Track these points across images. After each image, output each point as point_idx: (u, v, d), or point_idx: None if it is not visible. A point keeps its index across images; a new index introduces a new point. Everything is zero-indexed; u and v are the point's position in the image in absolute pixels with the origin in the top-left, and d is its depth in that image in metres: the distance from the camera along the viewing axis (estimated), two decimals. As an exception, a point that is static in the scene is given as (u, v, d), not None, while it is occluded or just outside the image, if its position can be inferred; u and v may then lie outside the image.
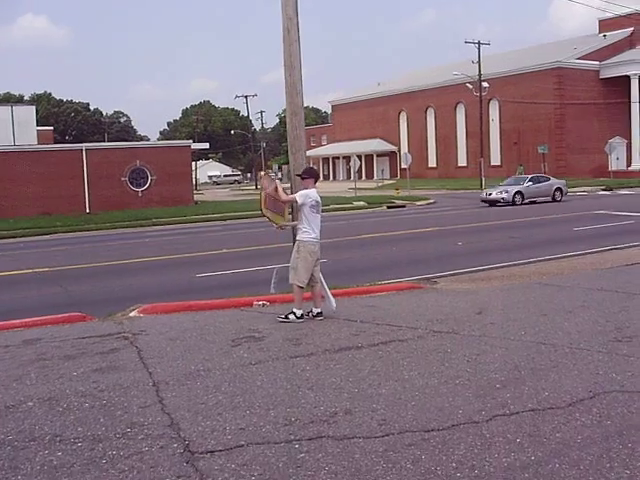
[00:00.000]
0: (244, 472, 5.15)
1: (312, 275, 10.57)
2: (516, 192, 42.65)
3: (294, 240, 10.80)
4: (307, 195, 10.56)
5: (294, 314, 10.39)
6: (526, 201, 42.51)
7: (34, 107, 63.59)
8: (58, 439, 5.93)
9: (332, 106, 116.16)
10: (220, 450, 5.56)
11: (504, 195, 42.57)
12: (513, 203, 42.07)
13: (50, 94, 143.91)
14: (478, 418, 6.05)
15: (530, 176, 46.49)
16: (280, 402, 6.65)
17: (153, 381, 7.52)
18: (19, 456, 5.61)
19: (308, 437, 5.76)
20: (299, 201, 10.50)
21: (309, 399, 6.72)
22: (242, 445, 5.65)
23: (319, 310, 10.64)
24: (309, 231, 10.52)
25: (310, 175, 11.03)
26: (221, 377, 7.58)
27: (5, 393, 7.32)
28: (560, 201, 43.01)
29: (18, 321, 11.24)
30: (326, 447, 5.55)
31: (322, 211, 11.01)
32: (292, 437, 5.78)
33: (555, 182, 45.09)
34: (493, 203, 42.67)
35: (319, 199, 10.74)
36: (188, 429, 6.03)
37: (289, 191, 11.39)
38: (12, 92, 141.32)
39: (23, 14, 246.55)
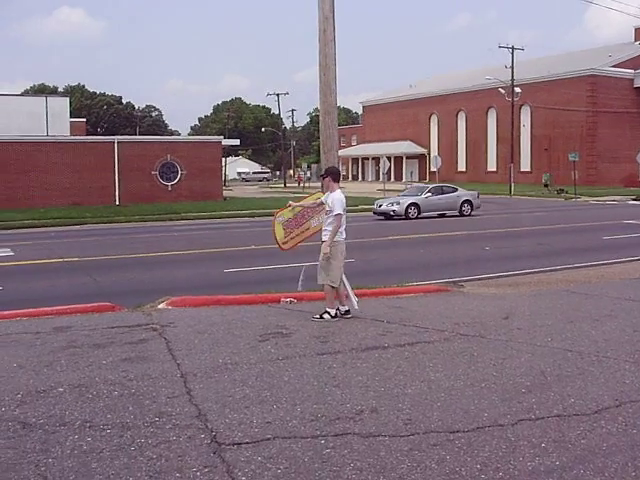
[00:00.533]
0: (270, 465, 5.21)
1: None
2: (410, 204, 37.32)
3: (322, 240, 10.81)
4: (342, 200, 10.64)
5: (328, 314, 10.45)
6: (424, 214, 37.22)
7: (68, 99, 64.09)
8: (88, 425, 6.04)
9: (363, 107, 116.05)
10: (247, 442, 5.63)
11: (395, 207, 37.32)
12: (406, 216, 36.88)
13: (84, 86, 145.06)
14: (503, 421, 6.07)
15: (431, 186, 41.61)
16: (307, 398, 6.71)
17: (181, 372, 7.61)
18: (50, 440, 5.71)
19: (334, 433, 5.82)
20: (341, 210, 10.59)
21: (335, 396, 6.77)
22: (269, 438, 5.71)
23: (347, 308, 10.68)
24: (341, 231, 10.58)
25: (334, 175, 11.10)
26: (248, 371, 7.65)
27: (36, 378, 7.45)
28: (469, 215, 38.24)
29: (49, 308, 11.40)
30: (352, 444, 5.60)
31: (350, 212, 11.09)
32: (318, 433, 5.83)
33: (463, 194, 39.81)
34: (387, 216, 37.39)
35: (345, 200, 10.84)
36: (215, 420, 6.10)
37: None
38: (46, 83, 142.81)
39: (59, 7, 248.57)
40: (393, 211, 37.09)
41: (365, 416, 6.21)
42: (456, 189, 40.75)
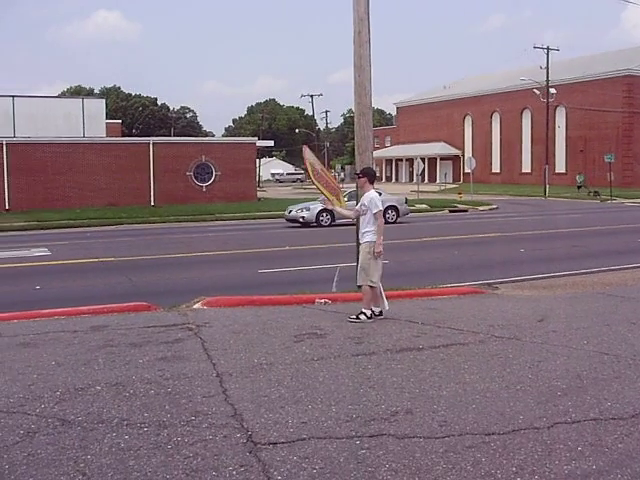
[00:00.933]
0: (306, 465, 5.23)
1: None
2: (322, 210, 33.19)
3: (358, 242, 10.83)
4: (379, 199, 10.68)
5: (364, 314, 10.46)
6: (340, 221, 31.88)
7: (104, 100, 64.61)
8: (125, 423, 6.10)
9: (397, 108, 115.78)
10: (282, 442, 5.66)
11: (305, 214, 34.00)
12: (318, 224, 33.54)
13: (119, 88, 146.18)
14: (539, 424, 6.04)
15: (349, 190, 37.54)
16: (342, 399, 6.73)
17: (217, 372, 7.67)
18: (88, 437, 5.79)
19: (369, 434, 5.83)
20: (382, 207, 10.71)
21: (370, 397, 6.78)
22: (304, 438, 5.74)
23: (380, 309, 10.68)
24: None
25: (369, 176, 11.10)
26: (284, 371, 7.69)
27: (74, 376, 7.55)
28: (394, 223, 34.01)
29: (86, 308, 11.54)
30: (387, 445, 5.61)
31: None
32: (353, 433, 5.85)
33: (388, 199, 34.49)
34: (300, 223, 34.09)
35: None
36: (251, 420, 6.14)
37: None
38: (83, 85, 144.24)
39: (97, 10, 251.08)
40: (302, 217, 33.94)
41: (400, 417, 6.22)
42: (380, 193, 35.31)
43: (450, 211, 45.77)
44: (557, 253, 21.40)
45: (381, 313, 10.66)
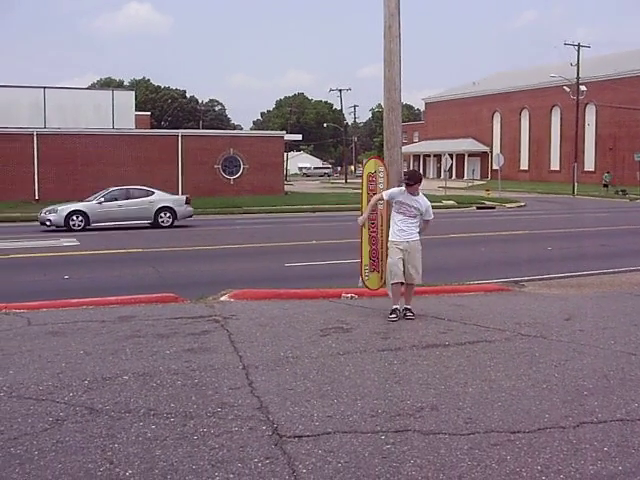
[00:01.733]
0: (330, 458, 5.25)
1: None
2: (73, 212, 29.56)
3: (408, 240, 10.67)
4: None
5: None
6: (98, 225, 29.79)
7: (133, 92, 64.89)
8: (152, 413, 6.16)
9: (425, 103, 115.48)
10: (308, 435, 5.69)
11: (51, 216, 29.46)
12: (68, 228, 29.09)
13: (148, 80, 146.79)
14: (565, 424, 6.01)
15: (112, 189, 32.31)
16: (367, 393, 6.74)
17: (243, 364, 7.70)
18: (116, 426, 5.85)
19: (394, 429, 5.84)
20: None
21: (396, 392, 6.79)
22: (329, 432, 5.76)
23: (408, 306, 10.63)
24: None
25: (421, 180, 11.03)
26: (309, 365, 7.72)
27: (102, 366, 7.62)
28: (170, 227, 30.77)
29: (114, 298, 11.64)
30: (412, 440, 5.61)
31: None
32: (378, 428, 5.86)
33: (163, 198, 31.51)
34: (47, 226, 29.70)
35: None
36: (277, 413, 6.17)
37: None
38: (113, 77, 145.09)
39: (128, 2, 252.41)
40: (49, 220, 29.50)
41: (425, 413, 6.22)
42: (152, 192, 32.17)
43: (477, 208, 45.60)
44: (585, 252, 21.26)
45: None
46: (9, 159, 45.50)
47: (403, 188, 10.65)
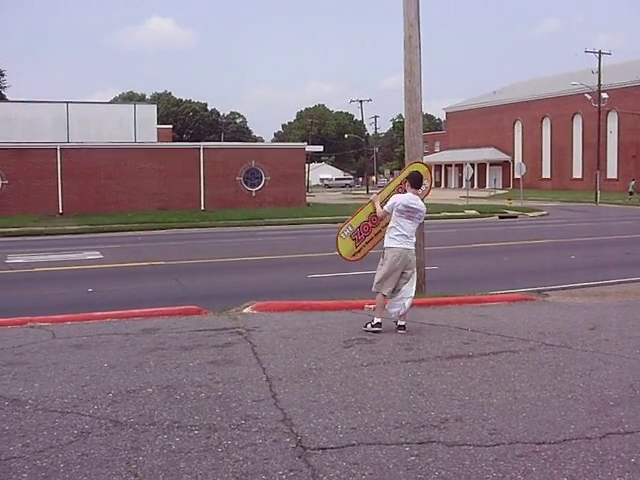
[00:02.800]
0: (355, 470, 5.24)
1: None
2: None
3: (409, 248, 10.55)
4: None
5: (370, 323, 10.22)
6: None
7: (155, 106, 65.29)
8: (176, 425, 6.17)
9: (446, 113, 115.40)
10: (332, 447, 5.68)
11: None
12: None
13: (170, 93, 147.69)
14: (591, 434, 5.97)
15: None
16: (391, 405, 6.72)
17: (266, 376, 7.71)
18: (140, 438, 5.87)
19: (419, 441, 5.82)
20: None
21: (420, 404, 6.77)
22: (353, 444, 5.74)
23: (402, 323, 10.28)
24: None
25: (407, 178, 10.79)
26: (333, 377, 7.71)
27: (126, 378, 7.65)
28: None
29: (137, 310, 11.67)
30: (436, 452, 5.59)
31: (432, 218, 10.86)
32: (403, 440, 5.84)
33: None
34: None
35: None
36: (300, 425, 6.16)
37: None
38: (134, 91, 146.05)
39: (151, 17, 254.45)
40: None
41: (450, 424, 6.19)
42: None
43: (500, 217, 45.39)
44: (609, 260, 21.11)
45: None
46: (33, 173, 45.88)
47: (411, 193, 10.38)
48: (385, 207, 10.47)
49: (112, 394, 7.07)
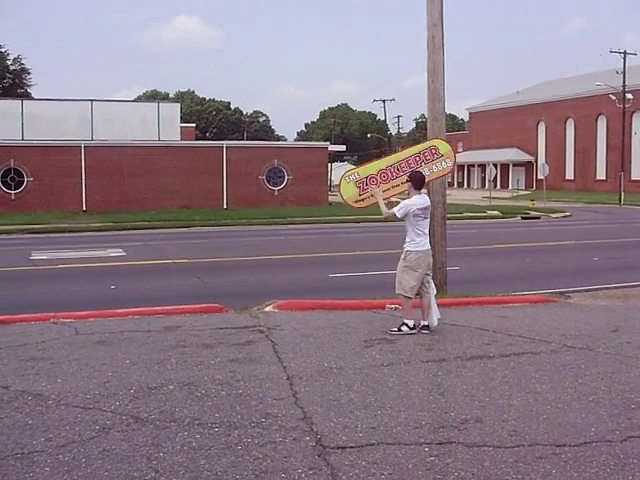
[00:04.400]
0: (374, 470, 5.25)
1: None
2: None
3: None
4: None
5: (406, 325, 10.14)
6: None
7: (179, 104, 65.46)
8: (197, 422, 6.21)
9: (469, 113, 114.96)
10: (351, 447, 5.69)
11: None
12: None
13: (193, 92, 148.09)
14: (612, 437, 5.94)
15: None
16: (411, 405, 6.73)
17: (287, 375, 7.73)
18: (161, 435, 5.91)
19: (438, 441, 5.82)
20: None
21: (440, 404, 6.77)
22: (373, 444, 5.76)
23: (426, 323, 10.25)
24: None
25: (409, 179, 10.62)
26: (353, 376, 7.72)
27: (148, 375, 7.71)
28: None
29: (159, 308, 11.75)
30: (456, 453, 5.59)
31: (454, 219, 10.79)
32: (422, 440, 5.85)
33: None
34: None
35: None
36: (320, 424, 6.18)
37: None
38: (158, 89, 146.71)
39: (177, 15, 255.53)
40: None
41: (470, 425, 6.19)
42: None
43: (522, 218, 45.16)
44: (632, 262, 20.95)
45: (427, 327, 10.22)
46: (58, 171, 46.23)
47: (417, 195, 10.31)
48: (397, 212, 10.26)
49: (133, 390, 7.13)
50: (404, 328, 10.09)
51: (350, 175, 11.13)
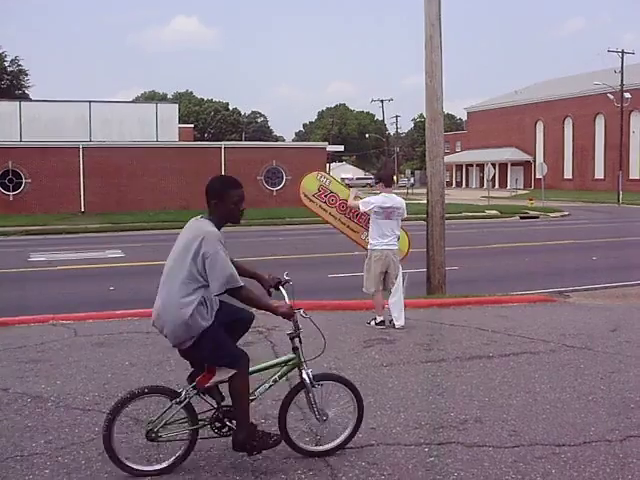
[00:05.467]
0: (374, 470, 5.26)
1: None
2: None
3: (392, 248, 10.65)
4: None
5: (374, 320, 10.59)
6: None
7: (177, 105, 65.42)
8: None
9: (468, 113, 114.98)
10: (351, 447, 5.69)
11: None
12: None
13: (191, 93, 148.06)
14: (611, 437, 5.95)
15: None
16: (410, 405, 6.73)
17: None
18: (161, 437, 5.90)
19: (438, 442, 5.83)
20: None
21: (439, 404, 6.77)
22: (372, 444, 5.77)
23: (382, 319, 10.62)
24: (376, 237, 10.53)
25: (379, 179, 10.93)
26: (353, 376, 7.66)
27: (147, 376, 7.72)
28: None
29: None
30: (455, 453, 5.60)
31: (453, 218, 10.89)
32: (422, 440, 5.85)
33: None
34: None
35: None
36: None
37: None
38: (156, 90, 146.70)
39: (176, 16, 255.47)
40: None
41: (469, 425, 6.20)
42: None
43: (521, 217, 45.15)
44: (631, 261, 20.94)
45: (382, 323, 10.60)
46: (56, 172, 46.14)
47: (385, 193, 10.52)
48: (361, 204, 10.57)
49: (133, 392, 7.11)
50: (372, 322, 10.53)
51: (323, 177, 11.45)
